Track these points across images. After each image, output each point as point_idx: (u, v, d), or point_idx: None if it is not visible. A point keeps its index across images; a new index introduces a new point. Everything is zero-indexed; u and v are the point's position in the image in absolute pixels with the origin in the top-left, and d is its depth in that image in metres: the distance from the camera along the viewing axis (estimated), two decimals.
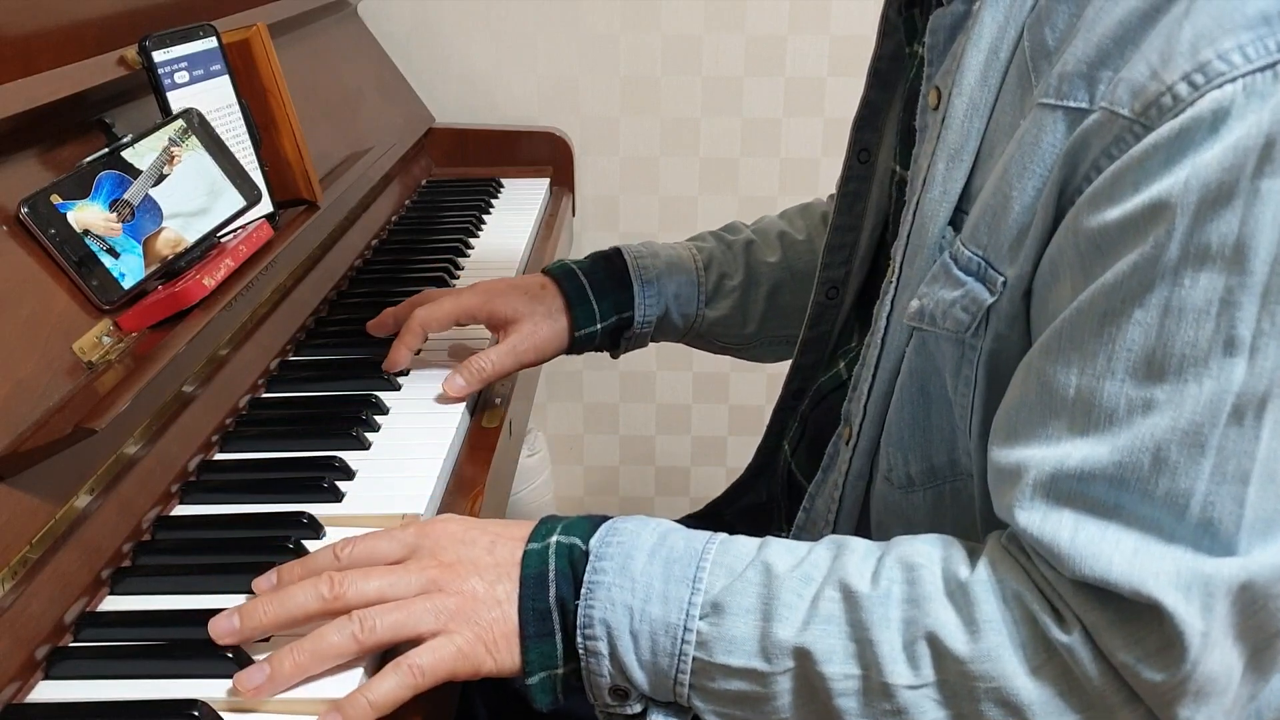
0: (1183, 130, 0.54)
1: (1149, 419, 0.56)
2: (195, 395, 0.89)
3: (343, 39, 1.56)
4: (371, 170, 1.36)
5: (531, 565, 0.65)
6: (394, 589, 0.65)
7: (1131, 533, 0.56)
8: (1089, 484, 0.57)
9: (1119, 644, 0.56)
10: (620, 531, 0.66)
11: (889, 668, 0.59)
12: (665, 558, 0.64)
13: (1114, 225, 0.57)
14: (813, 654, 0.60)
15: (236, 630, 0.64)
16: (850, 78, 1.80)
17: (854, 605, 0.61)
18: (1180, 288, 0.55)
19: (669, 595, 0.62)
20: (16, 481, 0.68)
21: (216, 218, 0.94)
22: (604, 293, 1.02)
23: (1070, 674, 0.58)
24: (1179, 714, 0.57)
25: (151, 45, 0.94)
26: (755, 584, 0.62)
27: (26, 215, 0.78)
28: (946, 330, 0.67)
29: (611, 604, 0.63)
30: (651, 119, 1.85)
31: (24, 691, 0.64)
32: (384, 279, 1.27)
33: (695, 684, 0.63)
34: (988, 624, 0.59)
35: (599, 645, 0.63)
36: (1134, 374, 0.56)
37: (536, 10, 1.79)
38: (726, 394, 1.99)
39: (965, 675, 0.58)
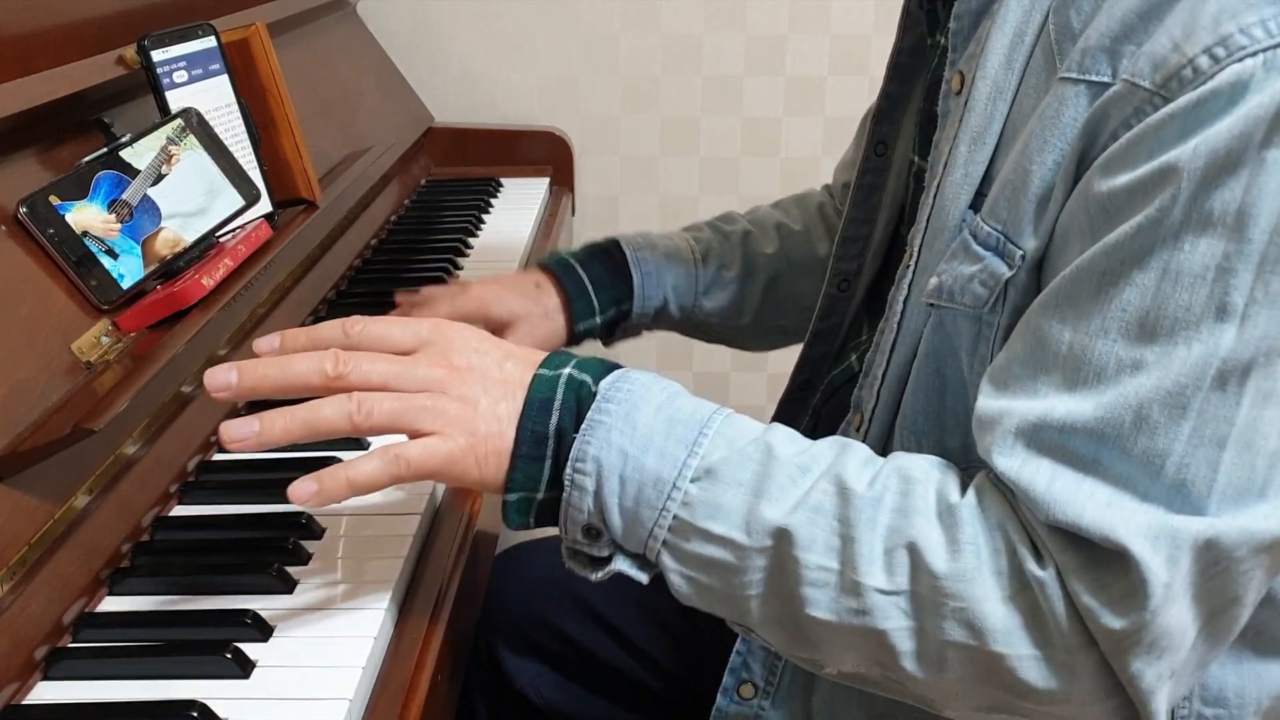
0: (1200, 101, 0.55)
1: (1136, 379, 0.57)
2: (194, 395, 0.89)
3: (342, 38, 1.56)
4: (371, 170, 1.36)
5: (539, 390, 0.65)
6: (399, 379, 0.64)
7: (1106, 486, 0.57)
8: (1070, 436, 0.58)
9: (1085, 587, 0.57)
10: (632, 380, 0.65)
11: (865, 568, 0.60)
12: (670, 416, 0.64)
13: (1122, 189, 0.57)
14: (794, 538, 0.61)
15: (233, 385, 0.64)
16: (850, 77, 1.81)
17: (845, 502, 0.61)
18: (1180, 252, 0.55)
19: (666, 451, 0.62)
20: (15, 482, 0.68)
21: (215, 217, 0.93)
22: (603, 286, 1.02)
23: (1038, 608, 0.58)
24: (1131, 664, 0.58)
25: (150, 45, 0.94)
26: (754, 460, 0.63)
27: (25, 215, 0.78)
28: (964, 306, 0.67)
29: (608, 445, 0.62)
30: (651, 119, 1.85)
31: (23, 692, 0.64)
32: (383, 279, 1.27)
33: (670, 541, 0.63)
34: (969, 546, 0.59)
35: (586, 481, 0.63)
36: (1126, 334, 0.57)
37: (536, 10, 1.79)
38: (726, 394, 1.98)
39: (937, 591, 0.59)
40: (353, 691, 0.63)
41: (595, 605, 1.06)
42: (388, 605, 0.71)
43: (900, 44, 0.87)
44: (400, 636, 0.70)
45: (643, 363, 1.97)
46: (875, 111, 0.91)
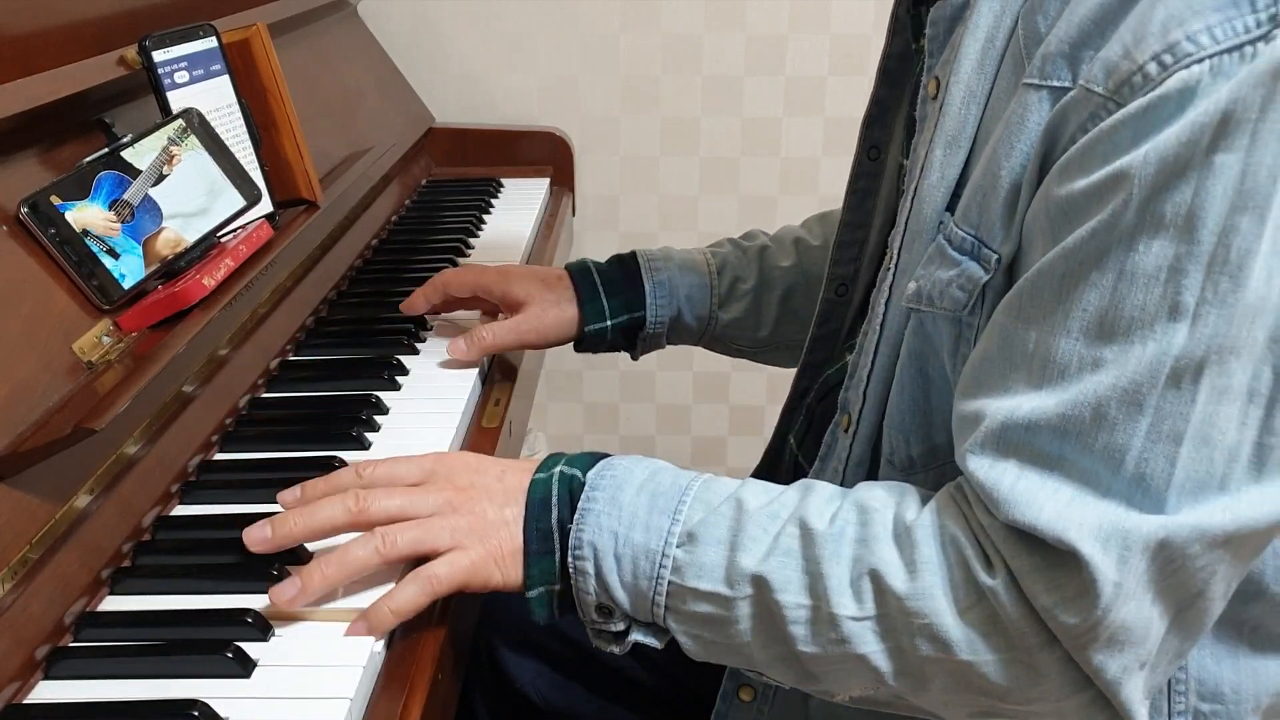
0: (1150, 106, 0.57)
1: (1095, 376, 0.59)
2: (195, 395, 0.89)
3: (343, 39, 1.56)
4: (371, 170, 1.36)
5: (537, 491, 0.71)
6: (414, 507, 0.71)
7: (1070, 484, 0.60)
8: (1035, 434, 0.60)
9: (1040, 588, 0.60)
10: (615, 467, 0.71)
11: (836, 599, 0.64)
12: (652, 491, 0.69)
13: (1080, 193, 0.59)
14: (770, 583, 0.65)
15: (269, 539, 0.71)
16: (850, 77, 1.81)
17: (810, 541, 0.65)
18: (1134, 253, 0.57)
19: (651, 524, 0.68)
20: (16, 481, 0.68)
21: (216, 217, 0.94)
22: (615, 291, 1.06)
23: (995, 616, 0.61)
24: (1093, 658, 0.60)
25: (151, 45, 0.94)
26: (728, 517, 0.67)
27: (26, 215, 0.78)
28: (944, 310, 0.69)
29: (599, 529, 0.68)
30: (651, 119, 1.85)
31: (24, 691, 0.64)
32: (384, 279, 1.27)
33: (670, 605, 0.68)
34: (925, 565, 0.63)
35: (586, 565, 0.68)
36: (1086, 333, 0.59)
37: (536, 10, 1.79)
38: (727, 394, 1.99)
39: (902, 611, 0.62)
40: (353, 690, 0.63)
41: None
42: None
43: (889, 49, 0.88)
44: (401, 636, 0.70)
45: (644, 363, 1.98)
46: (867, 116, 0.91)
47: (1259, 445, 0.59)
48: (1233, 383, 0.58)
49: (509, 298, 1.06)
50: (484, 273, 1.08)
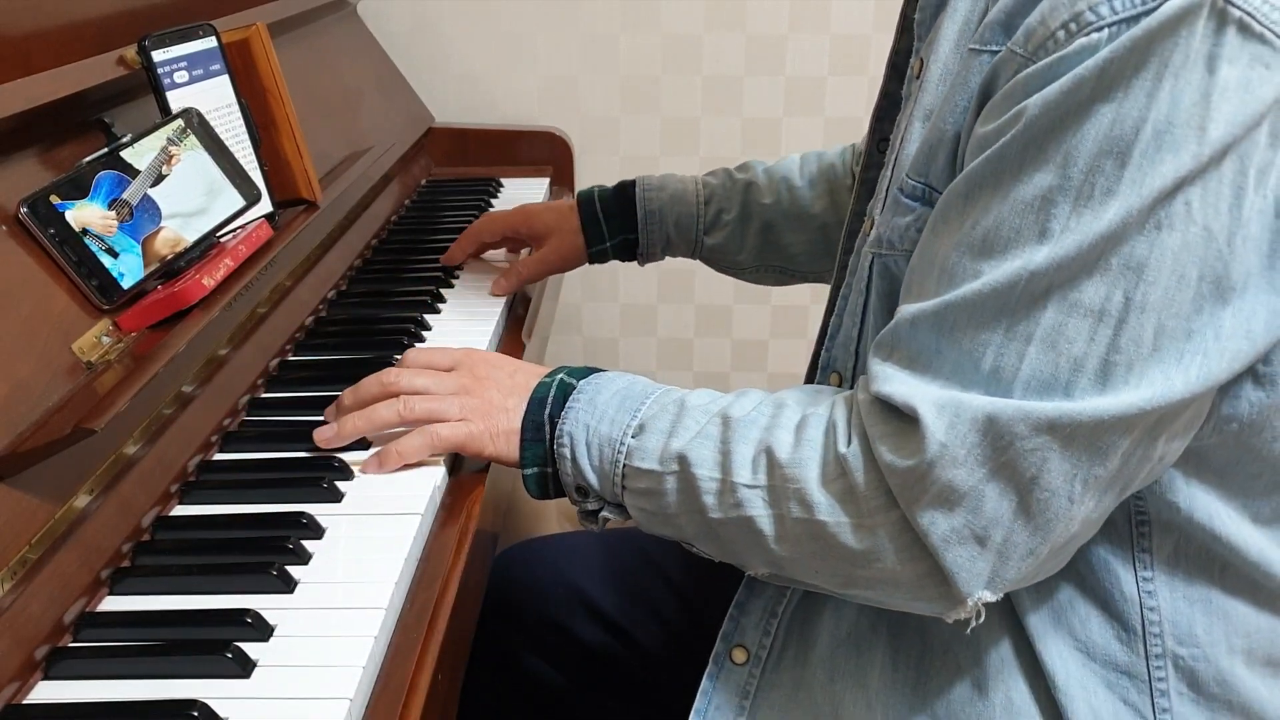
0: (1053, 64, 0.65)
1: (972, 285, 0.67)
2: (194, 395, 0.89)
3: (343, 39, 1.56)
4: (371, 170, 1.36)
5: (538, 391, 0.84)
6: (437, 385, 0.87)
7: (937, 372, 0.68)
8: (916, 329, 0.69)
9: (884, 448, 0.68)
10: (602, 375, 0.84)
11: (738, 471, 0.74)
12: (624, 394, 0.81)
13: (991, 132, 0.67)
14: (690, 459, 0.76)
15: (334, 437, 0.87)
16: (850, 77, 1.81)
17: (728, 427, 0.76)
18: (1018, 183, 0.65)
19: (615, 419, 0.80)
20: (16, 481, 0.68)
21: (216, 217, 0.93)
22: (612, 216, 1.24)
23: (851, 483, 0.70)
24: (922, 515, 0.67)
25: (151, 45, 0.94)
26: (671, 413, 0.79)
27: (26, 215, 0.78)
28: (904, 251, 0.76)
29: (576, 421, 0.80)
30: (651, 119, 1.85)
31: (23, 692, 0.64)
32: (384, 278, 1.27)
33: (624, 485, 0.79)
34: (807, 442, 0.72)
35: (565, 451, 0.80)
36: (972, 248, 0.67)
37: (536, 10, 1.79)
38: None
39: (783, 479, 0.72)
40: (353, 691, 0.63)
41: (596, 602, 1.06)
42: (388, 605, 0.71)
43: (897, 45, 0.91)
44: (401, 636, 0.70)
45: (644, 362, 1.98)
46: (876, 110, 0.94)
47: (1105, 361, 0.64)
48: (1083, 299, 0.64)
49: (534, 231, 1.26)
50: (509, 216, 1.29)
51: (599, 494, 0.81)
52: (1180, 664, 0.74)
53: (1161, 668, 0.74)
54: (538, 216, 1.26)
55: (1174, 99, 0.61)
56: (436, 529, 0.82)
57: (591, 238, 1.24)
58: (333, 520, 0.79)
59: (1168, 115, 0.62)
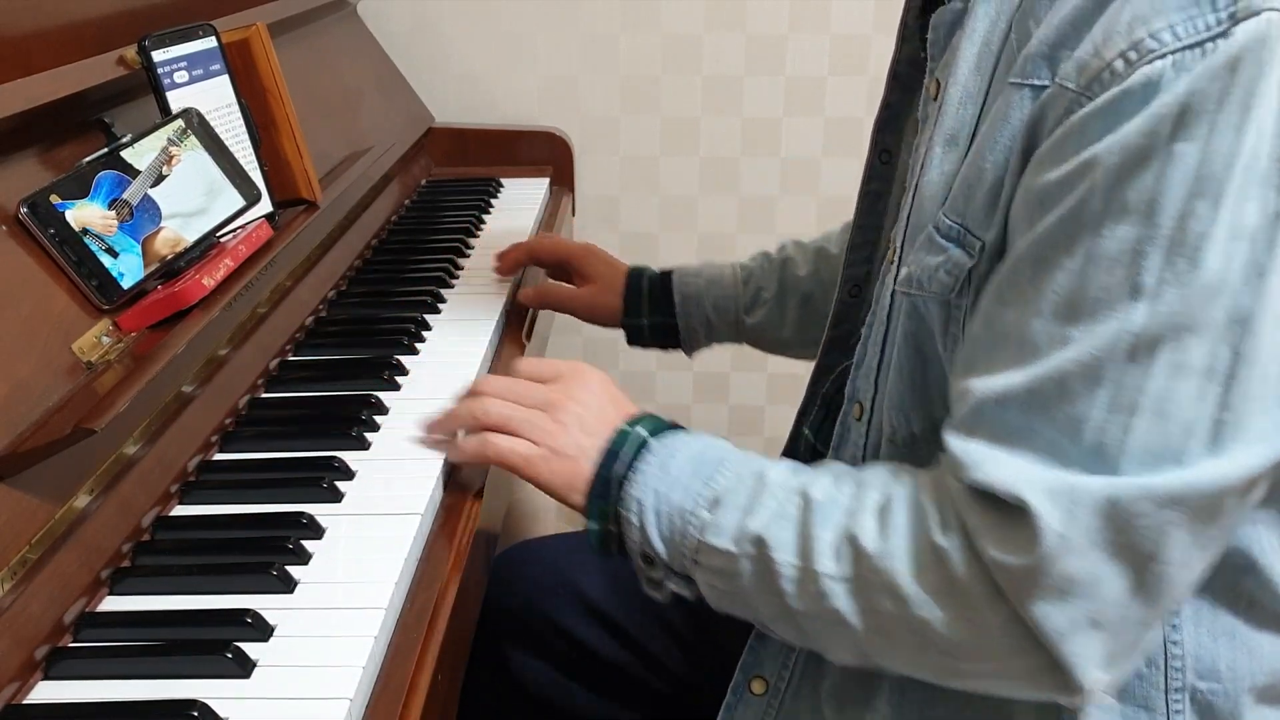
0: (1116, 100, 0.60)
1: (1062, 353, 0.62)
2: (195, 395, 0.89)
3: (343, 39, 1.56)
4: (371, 170, 1.36)
5: (616, 442, 0.79)
6: (522, 397, 0.83)
7: (1033, 452, 0.63)
8: (1005, 408, 0.64)
9: (989, 541, 0.64)
10: (677, 436, 0.79)
11: (818, 559, 0.69)
12: (698, 459, 0.76)
13: (1053, 183, 0.63)
14: (768, 542, 0.71)
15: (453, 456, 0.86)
16: (850, 77, 1.81)
17: (808, 509, 0.71)
18: (1100, 238, 0.61)
19: (689, 488, 0.75)
20: (16, 481, 0.68)
21: (216, 217, 0.93)
22: (655, 298, 1.22)
23: (947, 572, 0.65)
24: (1035, 608, 0.63)
25: (151, 45, 0.94)
26: (748, 486, 0.74)
27: (26, 215, 0.78)
28: (933, 293, 0.72)
29: (645, 487, 0.76)
30: (651, 119, 1.85)
31: (23, 692, 0.64)
32: (384, 279, 1.27)
33: (696, 559, 0.74)
34: (895, 529, 0.68)
35: (632, 517, 0.76)
36: (1056, 313, 0.63)
37: (536, 10, 1.79)
38: (727, 394, 1.99)
39: (872, 570, 0.68)
40: (353, 691, 0.63)
41: (597, 603, 1.06)
42: (388, 605, 0.71)
43: (899, 54, 0.90)
44: (401, 636, 0.70)
45: (644, 363, 1.98)
46: (878, 121, 0.93)
47: (1217, 421, 0.60)
48: (1190, 359, 0.60)
49: (584, 269, 1.24)
50: (572, 244, 1.28)
51: (666, 564, 0.76)
52: (1198, 698, 0.72)
53: (1179, 701, 0.72)
54: (596, 258, 1.24)
55: (1263, 130, 0.58)
56: (436, 529, 0.82)
57: (630, 309, 1.22)
58: (333, 520, 0.79)
59: (1256, 148, 0.58)
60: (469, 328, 1.13)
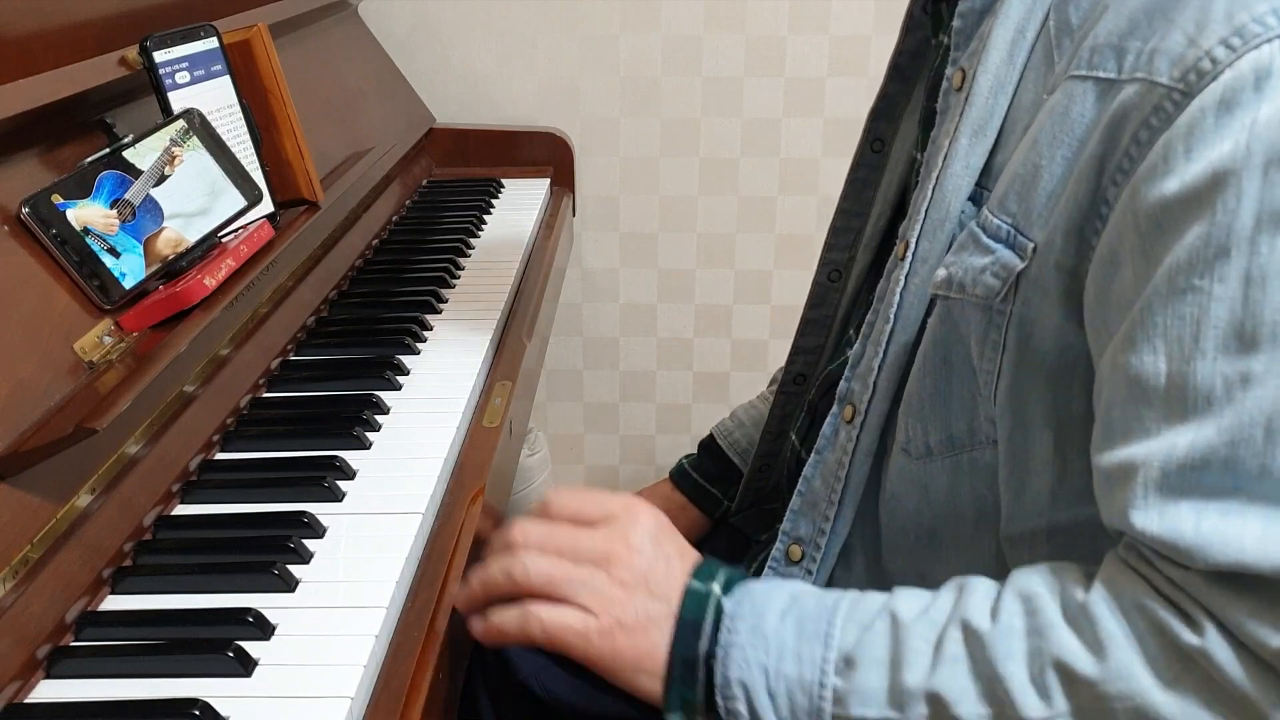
0: (1226, 92, 0.54)
1: (1252, 392, 0.54)
2: (196, 395, 0.89)
3: (343, 39, 1.56)
4: (372, 170, 1.37)
5: (691, 609, 0.66)
6: (571, 545, 0.68)
7: (1257, 510, 0.54)
8: (1203, 471, 0.55)
9: (1267, 631, 0.53)
10: (753, 592, 0.66)
11: (1020, 700, 0.58)
12: (798, 616, 0.65)
13: (1174, 199, 0.56)
14: (943, 697, 0.60)
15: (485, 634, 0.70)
16: (850, 78, 1.81)
17: (978, 643, 0.60)
18: (1259, 254, 0.54)
19: (802, 653, 0.63)
20: (18, 481, 0.68)
21: (217, 218, 0.94)
22: (714, 479, 1.10)
23: (1210, 679, 0.55)
24: None
25: (152, 45, 0.94)
26: (883, 634, 0.62)
27: (28, 215, 0.78)
28: (976, 297, 0.68)
29: (746, 664, 0.64)
30: (651, 119, 1.85)
31: (25, 691, 0.64)
32: (385, 279, 1.27)
33: None
34: (1112, 641, 0.57)
35: (738, 705, 0.64)
36: (1225, 349, 0.55)
37: (536, 10, 1.79)
38: (727, 394, 1.99)
39: (1099, 698, 0.57)
40: (354, 690, 0.63)
41: None
42: (389, 604, 0.71)
43: (902, 45, 0.89)
44: (402, 635, 0.71)
45: (644, 363, 1.98)
46: (874, 110, 0.93)
47: None
48: None
49: None
50: None
51: None
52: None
53: None
54: None
55: None
56: (437, 528, 0.82)
57: (707, 508, 1.10)
58: (334, 520, 0.79)
59: None
60: (470, 327, 1.14)
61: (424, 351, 1.08)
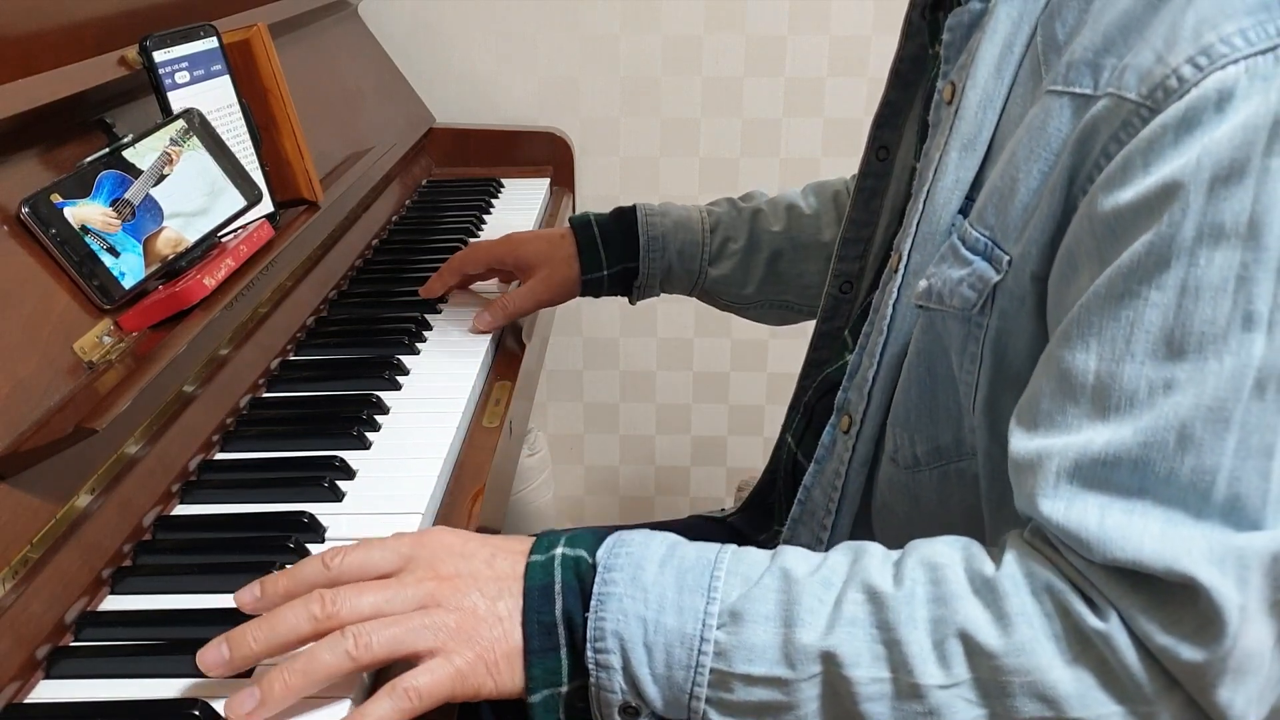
0: (1189, 110, 0.56)
1: (1171, 398, 0.56)
2: (196, 395, 0.89)
3: (343, 39, 1.56)
4: (372, 170, 1.37)
5: (535, 578, 0.63)
6: (390, 604, 0.61)
7: (1159, 513, 0.56)
8: (1114, 469, 0.57)
9: (1156, 627, 0.56)
10: (628, 542, 0.64)
11: (919, 668, 0.58)
12: (677, 567, 0.62)
13: (1126, 208, 0.57)
14: (839, 657, 0.59)
15: (226, 660, 0.61)
16: (850, 78, 1.81)
17: (880, 606, 0.60)
18: (1196, 266, 0.55)
19: (683, 605, 0.61)
20: (17, 481, 0.68)
21: (217, 217, 0.94)
22: (612, 243, 1.14)
23: (1107, 663, 0.57)
24: (1219, 696, 0.56)
25: (152, 45, 0.94)
26: (774, 590, 0.61)
27: (27, 215, 0.78)
28: (953, 308, 0.68)
29: (624, 615, 0.60)
30: (651, 119, 1.85)
31: (24, 691, 0.64)
32: (385, 279, 1.27)
33: (712, 697, 0.60)
34: (1019, 617, 0.58)
35: (611, 659, 0.60)
36: (1154, 354, 0.56)
37: (536, 10, 1.79)
38: (726, 394, 1.99)
39: (998, 670, 0.58)
40: (355, 690, 0.63)
41: None
42: None
43: (902, 52, 0.89)
44: None
45: (644, 363, 1.98)
46: (877, 117, 0.93)
47: None
48: None
49: (521, 261, 1.15)
50: (494, 246, 1.17)
51: (659, 713, 0.61)
52: None
53: None
54: (526, 245, 1.15)
55: None
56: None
57: (588, 265, 1.13)
58: (334, 520, 0.79)
59: None
60: (470, 327, 1.13)
61: (424, 351, 1.08)
